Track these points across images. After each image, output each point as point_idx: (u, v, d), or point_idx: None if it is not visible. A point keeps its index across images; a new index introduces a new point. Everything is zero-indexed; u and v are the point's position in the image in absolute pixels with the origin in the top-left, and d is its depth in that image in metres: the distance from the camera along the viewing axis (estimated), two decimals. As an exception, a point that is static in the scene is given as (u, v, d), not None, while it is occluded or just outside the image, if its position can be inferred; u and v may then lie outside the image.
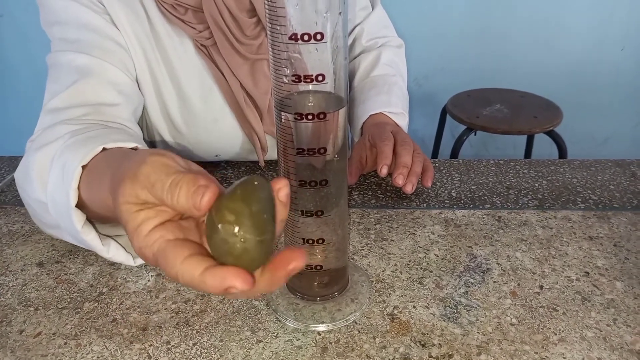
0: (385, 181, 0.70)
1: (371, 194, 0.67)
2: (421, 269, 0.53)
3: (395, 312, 0.48)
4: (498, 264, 0.54)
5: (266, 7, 0.37)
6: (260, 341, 0.45)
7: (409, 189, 0.61)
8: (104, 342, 0.45)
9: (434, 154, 1.86)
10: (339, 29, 0.37)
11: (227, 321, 0.47)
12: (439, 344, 0.44)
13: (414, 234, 0.59)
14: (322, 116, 0.39)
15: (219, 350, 0.44)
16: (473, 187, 0.68)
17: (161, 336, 0.46)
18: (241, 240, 0.27)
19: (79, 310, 0.49)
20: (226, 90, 0.69)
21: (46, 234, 0.59)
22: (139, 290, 0.51)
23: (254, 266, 0.28)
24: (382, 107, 0.75)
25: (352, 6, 0.84)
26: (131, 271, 0.53)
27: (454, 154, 1.57)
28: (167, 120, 0.71)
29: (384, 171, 0.62)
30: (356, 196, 0.67)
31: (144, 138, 0.74)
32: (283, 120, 0.40)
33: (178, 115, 0.70)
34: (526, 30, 1.88)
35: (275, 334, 0.46)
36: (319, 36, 0.36)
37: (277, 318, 0.47)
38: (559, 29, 1.87)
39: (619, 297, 0.49)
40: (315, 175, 0.42)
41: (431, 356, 0.43)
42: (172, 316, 0.48)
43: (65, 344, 0.45)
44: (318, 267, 0.46)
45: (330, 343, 0.45)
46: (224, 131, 0.72)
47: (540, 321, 0.47)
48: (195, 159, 0.77)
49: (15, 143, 0.80)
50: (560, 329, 0.46)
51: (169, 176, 0.30)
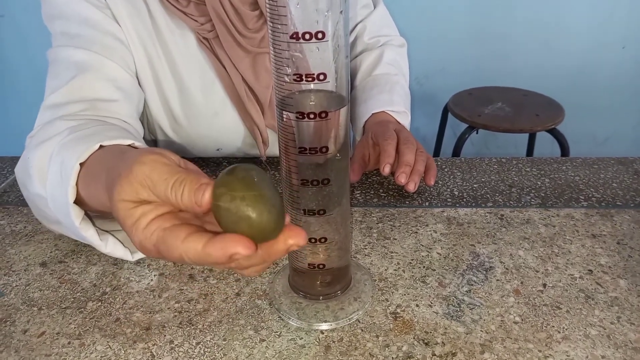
0: (387, 180, 0.70)
1: (373, 192, 0.67)
2: (424, 267, 0.53)
3: (398, 310, 0.48)
4: (501, 262, 0.54)
5: (267, 6, 0.37)
6: (264, 340, 0.45)
7: (411, 187, 0.61)
8: (108, 342, 0.45)
9: (436, 153, 1.85)
10: (340, 28, 0.37)
11: (230, 320, 0.47)
12: (442, 342, 0.44)
13: (416, 232, 0.59)
14: (323, 115, 0.39)
15: (222, 349, 0.44)
16: (475, 186, 0.68)
17: (164, 335, 0.46)
18: (244, 212, 0.28)
19: (82, 309, 0.49)
20: (227, 84, 0.69)
21: (49, 230, 0.60)
22: (142, 290, 0.51)
23: (261, 237, 0.29)
24: (384, 106, 0.75)
25: (354, 4, 0.84)
26: (134, 271, 0.54)
27: (456, 152, 1.57)
28: (168, 114, 0.71)
29: (386, 170, 0.62)
30: (358, 195, 0.66)
31: (144, 134, 0.74)
32: (285, 119, 0.40)
33: (179, 109, 0.70)
34: (527, 28, 1.88)
35: (278, 333, 0.46)
36: (320, 35, 0.36)
37: (280, 317, 0.47)
38: (560, 27, 1.87)
39: (623, 294, 0.49)
40: (317, 174, 0.42)
41: (434, 355, 0.43)
42: (175, 315, 0.48)
43: (69, 343, 0.45)
44: (321, 266, 0.46)
45: (334, 342, 0.45)
46: (225, 125, 0.73)
47: (544, 319, 0.47)
48: (197, 153, 0.77)
49: (16, 143, 0.80)
50: (563, 327, 0.46)
51: (172, 175, 0.31)
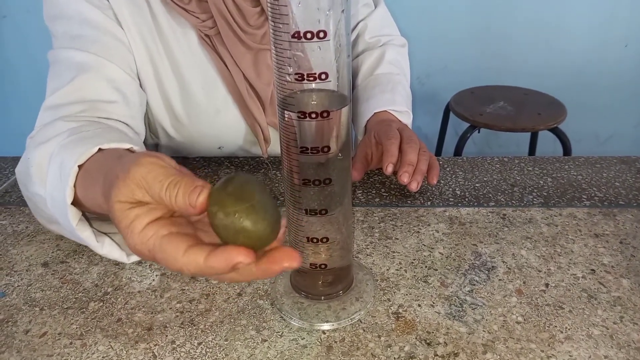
0: (389, 179, 0.70)
1: (375, 192, 0.67)
2: (426, 267, 0.53)
3: (400, 310, 0.48)
4: (503, 262, 0.54)
5: (269, 5, 0.37)
6: (265, 340, 0.45)
7: (414, 186, 0.61)
8: (110, 342, 0.45)
9: (438, 152, 1.85)
10: (341, 27, 0.37)
11: (232, 320, 0.47)
12: (445, 342, 0.44)
13: (418, 232, 0.59)
14: (325, 114, 0.39)
15: (224, 349, 0.44)
16: (477, 185, 0.68)
17: (166, 336, 0.46)
18: (240, 224, 0.29)
19: (84, 310, 0.49)
20: (229, 81, 0.69)
21: (47, 230, 0.60)
22: (143, 290, 0.51)
23: (260, 244, 0.31)
24: (386, 105, 0.75)
25: (354, 3, 0.84)
26: (136, 271, 0.54)
27: (458, 151, 1.56)
28: (170, 112, 0.71)
29: (389, 169, 0.61)
30: (360, 194, 0.66)
31: (146, 135, 0.74)
32: (286, 119, 0.40)
33: (180, 107, 0.70)
34: (529, 27, 1.88)
35: (280, 333, 0.46)
36: (321, 34, 0.36)
37: (281, 317, 0.47)
38: (562, 26, 1.86)
39: (626, 294, 0.49)
40: (319, 174, 0.42)
41: (436, 355, 0.43)
42: (177, 315, 0.48)
43: (71, 343, 0.45)
44: (322, 266, 0.46)
45: (335, 342, 0.45)
46: (226, 122, 0.73)
47: (547, 319, 0.46)
48: (199, 152, 0.77)
49: (17, 144, 0.80)
50: (566, 327, 0.46)
51: (167, 177, 0.32)
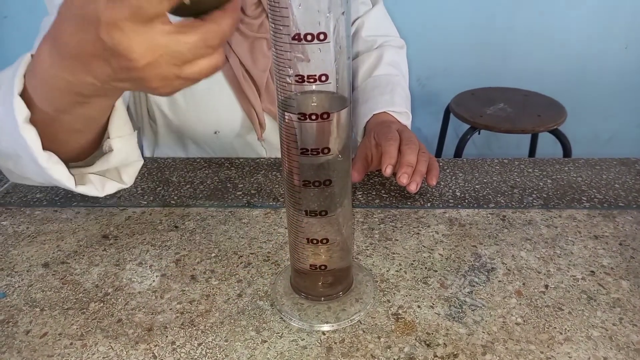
0: (389, 181, 0.70)
1: (375, 193, 0.67)
2: (426, 268, 0.53)
3: (400, 311, 0.48)
4: (503, 263, 0.54)
5: (269, 7, 0.37)
6: (265, 341, 0.45)
7: (413, 188, 0.61)
8: (110, 343, 0.45)
9: (438, 154, 1.85)
10: (341, 29, 0.37)
11: (232, 321, 0.47)
12: (444, 343, 0.44)
13: (418, 233, 0.59)
14: (325, 116, 0.39)
15: (224, 350, 0.44)
16: (477, 187, 0.68)
17: (166, 336, 0.46)
18: None
19: (84, 310, 0.49)
20: (225, 67, 0.71)
21: (50, 231, 0.60)
22: (144, 291, 0.51)
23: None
24: (385, 107, 0.75)
25: (353, 0, 0.84)
26: (136, 272, 0.54)
27: (458, 153, 1.57)
28: None
29: (388, 171, 0.61)
30: (360, 196, 0.66)
31: (144, 121, 0.79)
32: (287, 120, 0.40)
33: None
34: (529, 29, 1.88)
35: (280, 334, 0.46)
36: (322, 36, 0.36)
37: (281, 318, 0.47)
38: (562, 27, 1.87)
39: (625, 296, 0.49)
40: (319, 175, 0.42)
41: (436, 356, 0.43)
42: (177, 316, 0.48)
43: (71, 344, 0.45)
44: (322, 267, 0.46)
45: (335, 343, 0.45)
46: (222, 107, 0.74)
47: (546, 320, 0.47)
48: (195, 135, 0.80)
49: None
50: (565, 329, 0.46)
51: None
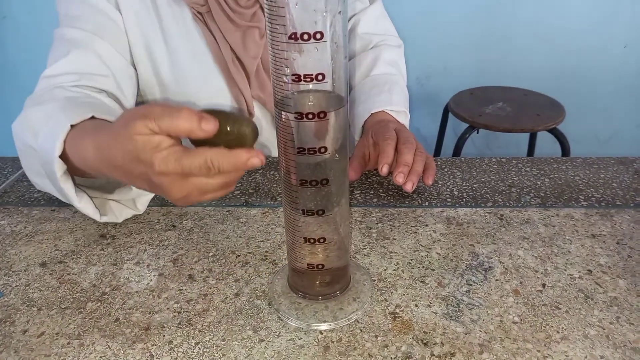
0: (386, 180, 0.70)
1: (373, 192, 0.67)
2: (423, 267, 0.53)
3: (397, 310, 0.48)
4: (500, 262, 0.54)
5: (266, 6, 0.37)
6: (263, 340, 0.45)
7: (409, 187, 0.61)
8: (107, 342, 0.45)
9: (437, 153, 1.85)
10: (338, 28, 0.37)
11: (229, 320, 0.47)
12: (441, 342, 0.44)
13: (415, 232, 0.59)
14: (322, 115, 0.39)
15: (221, 349, 0.44)
16: (475, 186, 0.68)
17: (164, 336, 0.46)
18: (237, 132, 0.40)
19: (81, 310, 0.49)
20: (216, 52, 0.73)
21: (48, 230, 0.60)
22: (141, 290, 0.51)
23: (250, 143, 0.41)
24: (383, 106, 0.75)
25: None
26: (134, 271, 0.54)
27: (457, 152, 1.57)
28: (158, 77, 0.75)
29: (384, 170, 0.62)
30: (358, 195, 0.67)
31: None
32: (283, 120, 0.40)
33: (168, 72, 0.74)
34: (529, 28, 1.88)
35: (277, 333, 0.46)
36: (318, 35, 0.36)
37: (279, 317, 0.47)
38: (561, 26, 1.87)
39: (622, 295, 0.49)
40: (316, 175, 0.42)
41: (433, 355, 0.43)
42: (175, 316, 0.48)
43: (69, 343, 0.45)
44: (320, 266, 0.46)
45: (332, 342, 0.45)
46: (212, 92, 0.76)
47: (543, 319, 0.47)
48: None
49: (17, 144, 0.81)
50: (562, 327, 0.46)
51: (171, 108, 0.39)
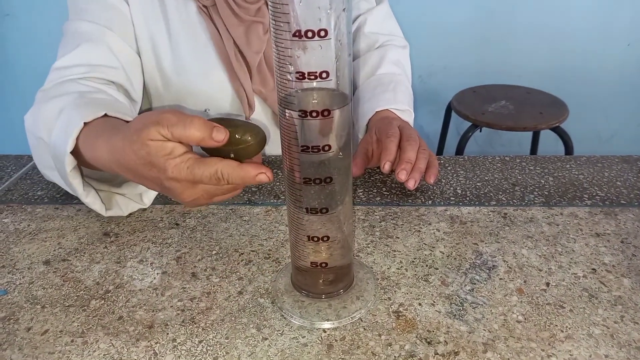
0: (390, 178, 0.70)
1: (376, 191, 0.67)
2: (427, 266, 0.53)
3: (401, 309, 0.48)
4: (504, 261, 0.54)
5: (270, 4, 0.37)
6: (266, 338, 0.45)
7: (411, 184, 0.61)
8: (111, 340, 0.45)
9: (439, 151, 1.85)
10: (342, 26, 0.37)
11: (233, 319, 0.47)
12: (445, 341, 0.44)
13: (419, 231, 0.59)
14: (326, 113, 0.39)
15: (224, 347, 0.44)
16: (478, 184, 0.68)
17: (167, 334, 0.46)
18: (245, 141, 0.42)
19: (85, 308, 0.49)
20: (219, 45, 0.74)
21: (51, 228, 0.60)
22: (144, 288, 0.51)
23: (252, 156, 0.44)
24: (388, 104, 0.75)
25: None
26: (137, 269, 0.54)
27: (459, 150, 1.56)
28: (160, 68, 0.76)
29: (386, 167, 0.61)
30: (361, 193, 0.66)
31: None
32: (287, 118, 0.40)
33: (170, 63, 0.75)
34: (531, 26, 1.87)
35: (280, 332, 0.46)
36: (322, 33, 0.36)
37: (282, 315, 0.47)
38: (564, 24, 1.86)
39: (627, 294, 0.49)
40: (319, 173, 0.42)
41: (437, 353, 0.43)
42: (178, 314, 0.48)
43: (72, 341, 0.45)
44: (323, 265, 0.46)
45: (336, 340, 0.45)
46: (213, 84, 0.76)
47: (547, 318, 0.46)
48: (187, 112, 0.80)
49: (19, 142, 0.81)
50: (567, 326, 0.46)
51: (186, 116, 0.41)
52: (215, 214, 0.62)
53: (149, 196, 0.62)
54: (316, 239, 0.45)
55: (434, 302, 0.48)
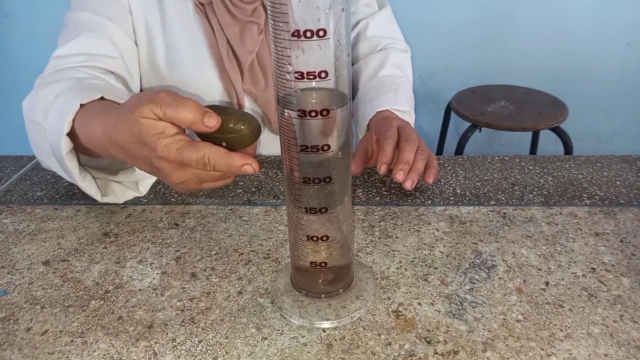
0: (389, 178, 0.70)
1: (375, 191, 0.67)
2: (426, 265, 0.53)
3: (400, 309, 0.48)
4: (503, 260, 0.54)
5: (269, 4, 0.37)
6: (266, 338, 0.45)
7: (408, 185, 0.61)
8: (110, 340, 0.45)
9: (439, 151, 1.85)
10: (341, 26, 0.37)
11: (232, 318, 0.47)
12: (444, 340, 0.44)
13: (418, 230, 0.59)
14: (325, 113, 0.39)
15: (224, 347, 0.44)
16: (478, 184, 0.68)
17: (167, 334, 0.46)
18: (238, 130, 0.42)
19: (85, 308, 0.49)
20: (212, 44, 0.74)
21: (50, 229, 0.60)
22: (144, 288, 0.51)
23: (245, 146, 0.44)
24: (389, 105, 0.76)
25: (354, 1, 0.85)
26: (137, 269, 0.54)
27: (459, 151, 1.56)
28: (152, 60, 0.76)
29: (382, 169, 0.61)
30: (360, 193, 0.66)
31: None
32: (286, 117, 0.40)
33: (163, 58, 0.76)
34: (531, 26, 1.87)
35: (280, 331, 0.46)
36: (321, 32, 0.36)
37: (282, 315, 0.47)
38: (563, 25, 1.86)
39: (626, 293, 0.49)
40: (318, 173, 0.42)
41: (436, 353, 0.43)
42: (178, 314, 0.48)
43: (72, 341, 0.46)
44: (322, 265, 0.46)
45: (335, 340, 0.45)
46: (204, 82, 0.77)
47: (547, 317, 0.46)
48: None
49: (19, 143, 0.81)
50: (566, 325, 0.46)
51: (180, 98, 0.41)
52: (214, 214, 0.62)
53: (145, 184, 0.63)
54: (315, 238, 0.45)
55: (434, 301, 0.49)
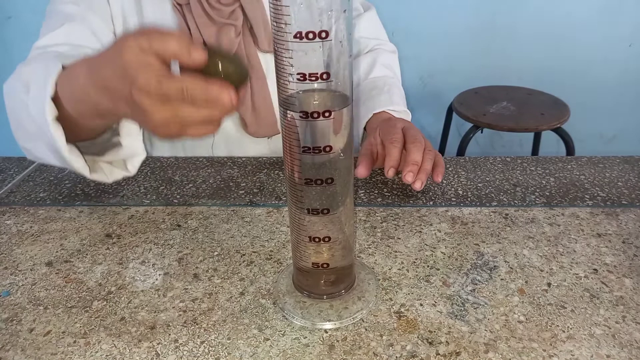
0: (391, 179, 0.70)
1: (377, 192, 0.67)
2: (428, 266, 0.53)
3: (402, 310, 0.48)
4: (505, 261, 0.54)
5: (271, 5, 0.37)
6: (268, 339, 0.45)
7: (418, 186, 0.60)
8: (113, 341, 0.46)
9: (441, 152, 1.84)
10: (343, 27, 0.37)
11: (235, 319, 0.47)
12: (446, 341, 0.44)
13: (420, 231, 0.59)
14: (327, 114, 0.39)
15: (226, 348, 0.44)
16: (480, 185, 0.68)
17: (169, 334, 0.46)
18: (225, 72, 0.41)
19: (87, 309, 0.49)
20: None
21: (52, 230, 0.60)
22: (146, 289, 0.51)
23: (238, 82, 0.42)
24: (385, 106, 0.76)
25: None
26: (139, 270, 0.54)
27: (461, 152, 1.56)
28: None
29: (390, 173, 0.61)
30: (362, 194, 0.67)
31: None
32: (288, 119, 0.40)
33: None
34: (533, 27, 1.87)
35: (282, 332, 0.46)
36: (323, 34, 0.36)
37: (284, 316, 0.47)
38: (565, 25, 1.86)
39: (628, 294, 0.49)
40: (321, 174, 0.42)
41: (438, 354, 0.43)
42: (180, 315, 0.48)
43: (75, 342, 0.46)
44: (325, 265, 0.46)
45: (337, 341, 0.45)
46: None
47: (549, 319, 0.46)
48: None
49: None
50: (568, 327, 0.46)
51: (166, 30, 0.40)
52: (216, 215, 0.63)
53: (134, 163, 0.62)
54: (317, 239, 0.45)
55: (436, 302, 0.49)
